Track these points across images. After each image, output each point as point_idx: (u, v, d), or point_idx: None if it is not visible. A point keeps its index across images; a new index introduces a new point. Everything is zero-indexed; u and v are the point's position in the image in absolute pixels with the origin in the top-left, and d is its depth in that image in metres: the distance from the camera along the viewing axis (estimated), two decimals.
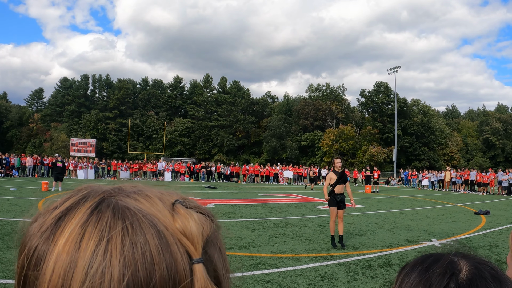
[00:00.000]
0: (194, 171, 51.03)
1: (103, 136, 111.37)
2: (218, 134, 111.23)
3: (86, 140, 80.00)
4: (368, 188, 38.69)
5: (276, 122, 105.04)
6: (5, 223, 13.68)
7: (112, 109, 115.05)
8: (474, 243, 13.00)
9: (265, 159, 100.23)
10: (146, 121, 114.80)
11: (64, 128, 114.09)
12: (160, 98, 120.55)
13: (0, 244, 10.61)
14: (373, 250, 11.42)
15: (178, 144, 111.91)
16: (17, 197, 22.21)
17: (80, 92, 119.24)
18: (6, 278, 7.81)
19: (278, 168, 51.72)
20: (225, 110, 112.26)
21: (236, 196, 28.18)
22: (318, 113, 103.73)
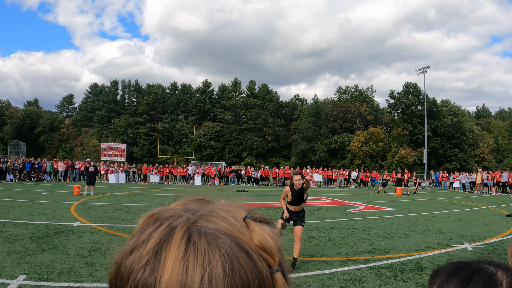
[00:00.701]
0: (224, 175, 51.27)
1: (133, 141, 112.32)
2: (248, 137, 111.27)
3: (116, 144, 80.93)
4: (399, 191, 38.51)
5: (305, 125, 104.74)
6: (39, 226, 14.04)
7: (141, 114, 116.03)
8: (506, 246, 12.97)
9: (295, 162, 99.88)
10: (175, 125, 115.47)
11: (95, 133, 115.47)
12: (189, 102, 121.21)
13: (34, 247, 10.94)
14: (404, 254, 11.46)
15: (208, 148, 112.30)
16: (49, 201, 22.67)
17: (110, 98, 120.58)
18: (41, 280, 8.03)
19: (307, 171, 51.62)
20: (254, 113, 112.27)
21: (266, 200, 28.32)
22: (347, 115, 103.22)
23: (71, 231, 13.46)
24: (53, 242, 11.64)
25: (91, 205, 21.07)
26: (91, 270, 8.84)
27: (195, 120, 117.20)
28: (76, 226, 14.43)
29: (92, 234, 12.97)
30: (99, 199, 24.94)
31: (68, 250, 10.67)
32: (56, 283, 7.87)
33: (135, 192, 32.04)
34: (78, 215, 17.16)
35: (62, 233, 13.02)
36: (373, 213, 21.47)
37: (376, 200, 30.17)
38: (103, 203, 22.63)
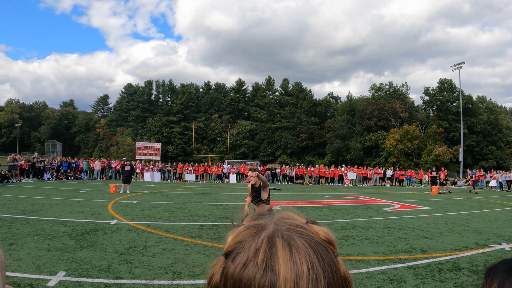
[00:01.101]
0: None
1: (167, 140, 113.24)
2: (282, 136, 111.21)
3: (151, 143, 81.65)
4: (435, 190, 37.98)
5: (339, 122, 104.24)
6: (77, 224, 14.21)
7: (176, 113, 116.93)
8: None
9: (329, 160, 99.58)
10: (209, 124, 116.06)
11: (130, 133, 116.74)
12: (223, 101, 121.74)
13: (73, 244, 11.07)
14: (441, 254, 11.27)
15: (242, 146, 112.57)
16: (87, 199, 22.92)
17: (145, 98, 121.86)
18: (81, 276, 8.11)
19: (342, 169, 51.31)
20: (288, 111, 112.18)
21: (302, 198, 28.25)
22: (381, 113, 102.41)
23: (109, 228, 13.57)
24: (91, 239, 11.75)
25: (127, 203, 21.23)
26: (130, 267, 8.90)
27: (229, 119, 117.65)
28: (114, 223, 14.55)
29: (130, 232, 13.06)
30: (136, 197, 25.12)
31: (107, 247, 10.76)
32: (96, 279, 7.93)
33: (170, 191, 32.19)
34: (116, 213, 17.30)
35: (100, 230, 13.14)
36: (409, 212, 21.19)
37: (412, 199, 29.81)
38: (139, 201, 22.80)
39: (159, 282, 7.88)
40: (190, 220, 16.09)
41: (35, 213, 16.52)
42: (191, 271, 8.75)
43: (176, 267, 8.99)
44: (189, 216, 17.22)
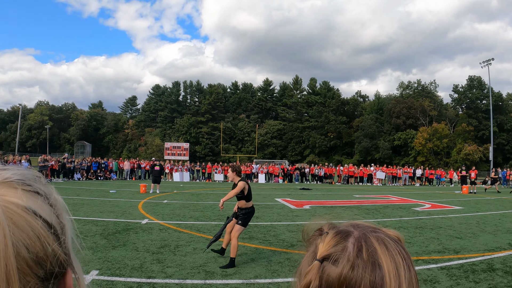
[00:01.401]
0: (288, 173, 51.03)
1: (195, 140, 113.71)
2: (310, 135, 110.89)
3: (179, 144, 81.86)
4: (465, 189, 37.44)
5: (367, 121, 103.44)
6: (108, 223, 14.26)
7: (204, 113, 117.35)
8: None
9: (358, 159, 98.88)
10: (237, 124, 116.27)
11: (158, 133, 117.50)
12: (250, 101, 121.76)
13: (105, 243, 11.10)
14: (475, 254, 11.05)
15: (270, 146, 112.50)
16: (117, 199, 23.06)
17: (172, 98, 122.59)
18: (113, 276, 8.10)
19: (371, 168, 50.88)
20: (316, 111, 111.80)
21: (331, 198, 28.07)
22: (410, 111, 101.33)
23: (140, 228, 13.59)
24: (123, 238, 11.77)
25: (158, 203, 21.28)
26: (162, 266, 8.87)
27: (257, 118, 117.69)
28: (145, 223, 14.57)
29: (161, 231, 13.06)
30: (166, 197, 25.19)
31: (139, 247, 10.76)
32: (128, 278, 7.91)
33: (200, 190, 32.25)
34: (146, 213, 17.34)
35: (131, 230, 13.16)
36: (441, 211, 20.88)
37: (442, 199, 29.42)
38: (169, 201, 22.85)
39: (191, 282, 7.83)
40: (220, 219, 16.04)
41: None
42: (224, 270, 8.71)
43: (208, 267, 8.95)
44: (219, 215, 17.18)
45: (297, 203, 23.11)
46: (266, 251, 10.67)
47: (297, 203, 23.38)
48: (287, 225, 15.13)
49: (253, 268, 8.89)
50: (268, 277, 8.26)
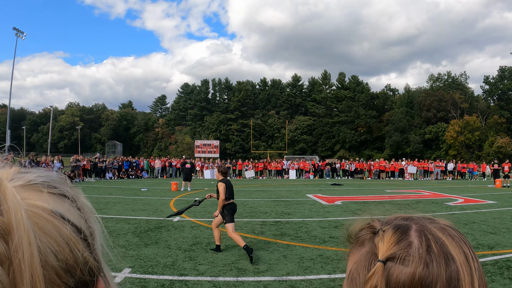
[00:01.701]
0: (319, 169, 50.86)
1: (225, 137, 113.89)
2: (340, 130, 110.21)
3: (209, 141, 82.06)
4: (498, 183, 36.83)
5: (398, 115, 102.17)
6: (140, 222, 14.38)
7: (233, 110, 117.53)
8: None
9: (388, 154, 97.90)
10: (267, 121, 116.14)
11: (188, 131, 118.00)
12: (279, 97, 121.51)
13: (137, 241, 11.20)
14: (510, 250, 10.80)
15: (300, 142, 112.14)
16: (149, 197, 23.24)
17: (202, 96, 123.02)
18: (146, 273, 8.14)
19: (403, 163, 50.36)
20: (346, 105, 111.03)
21: (363, 193, 27.88)
22: (440, 104, 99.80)
23: (172, 226, 13.66)
24: (155, 236, 11.84)
25: (189, 201, 21.34)
26: (194, 263, 8.89)
27: (287, 114, 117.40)
28: (177, 221, 14.63)
29: (192, 229, 13.12)
30: (197, 194, 25.26)
31: (171, 244, 10.81)
32: (161, 276, 7.94)
33: None
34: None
35: (163, 227, 13.24)
36: (474, 206, 20.56)
37: (475, 193, 28.95)
38: (200, 198, 22.89)
39: (224, 279, 7.83)
40: (252, 216, 16.05)
41: (99, 211, 16.78)
42: (256, 268, 8.68)
43: (240, 264, 8.94)
44: (251, 212, 17.19)
45: (329, 199, 23.00)
46: (298, 248, 10.61)
47: (329, 198, 23.28)
48: (318, 221, 15.05)
49: (285, 265, 8.84)
50: (300, 274, 8.22)
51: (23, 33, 60.80)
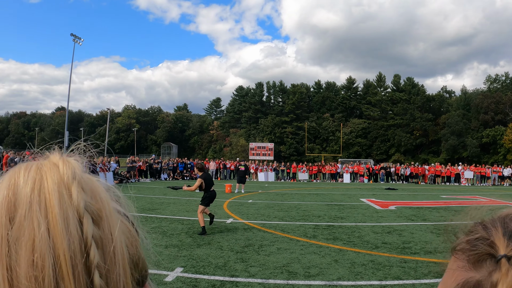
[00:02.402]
0: (373, 172, 50.39)
1: (280, 140, 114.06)
2: (395, 133, 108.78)
3: (264, 144, 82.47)
4: None
5: (454, 118, 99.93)
6: (193, 222, 14.56)
7: (288, 113, 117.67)
8: None
9: (444, 158, 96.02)
10: (322, 124, 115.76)
11: (243, 134, 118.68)
12: (334, 100, 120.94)
13: (190, 242, 11.38)
14: None
15: (355, 145, 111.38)
16: None
17: (256, 99, 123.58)
18: (197, 273, 8.29)
19: (459, 168, 49.28)
20: (401, 108, 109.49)
21: (417, 198, 27.48)
22: (498, 106, 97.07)
23: (225, 227, 13.80)
24: (208, 237, 11.99)
25: (242, 203, 21.50)
26: (246, 265, 8.96)
27: (341, 117, 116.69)
28: (230, 222, 14.78)
29: (245, 231, 13.20)
30: (250, 197, 25.40)
31: (223, 246, 10.92)
32: (212, 276, 8.04)
33: (285, 190, 32.33)
34: (231, 212, 17.57)
35: (216, 229, 13.39)
36: None
37: None
38: (254, 201, 23.04)
39: (274, 282, 7.87)
40: (305, 220, 16.04)
41: (154, 211, 17.10)
42: (307, 271, 8.68)
43: (291, 267, 8.96)
44: (304, 216, 17.18)
45: (383, 204, 22.79)
46: (350, 253, 10.57)
47: (383, 203, 23.05)
48: (372, 226, 14.93)
49: (336, 270, 8.82)
50: (351, 279, 8.18)
51: (81, 38, 62.23)
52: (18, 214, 0.56)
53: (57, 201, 0.57)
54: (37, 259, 0.54)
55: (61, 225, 0.54)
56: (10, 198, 0.58)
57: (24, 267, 0.54)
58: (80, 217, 0.57)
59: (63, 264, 0.54)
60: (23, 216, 0.56)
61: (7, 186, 0.60)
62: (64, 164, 0.61)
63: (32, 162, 0.64)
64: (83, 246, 0.56)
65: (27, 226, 0.55)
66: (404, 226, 14.80)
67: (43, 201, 0.57)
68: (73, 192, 0.59)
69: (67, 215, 0.56)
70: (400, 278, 8.18)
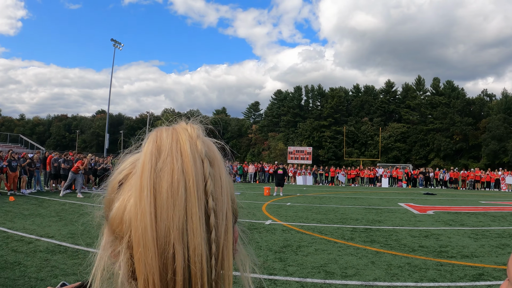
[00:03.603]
0: (412, 177, 50.14)
1: (318, 144, 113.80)
2: (434, 138, 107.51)
3: (302, 148, 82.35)
4: None
5: (495, 122, 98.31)
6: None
7: (326, 117, 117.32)
8: None
9: (485, 163, 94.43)
10: (360, 128, 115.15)
11: (281, 137, 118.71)
12: (373, 104, 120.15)
13: None
14: None
15: (394, 149, 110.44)
16: (242, 200, 22.74)
17: (294, 103, 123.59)
18: (235, 271, 8.45)
19: (499, 173, 48.62)
20: (440, 112, 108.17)
21: (456, 203, 27.35)
22: None
23: (263, 228, 14.07)
24: (246, 237, 12.23)
25: (281, 205, 21.76)
26: (284, 265, 9.22)
27: (380, 121, 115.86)
28: (268, 224, 15.04)
29: (283, 232, 13.45)
30: (289, 199, 25.65)
31: (262, 246, 11.20)
32: (250, 274, 8.29)
33: (323, 194, 32.49)
34: (270, 214, 17.83)
35: (255, 229, 13.66)
36: None
37: None
38: (292, 203, 23.27)
39: (311, 281, 8.11)
40: (342, 222, 16.23)
41: None
42: (343, 272, 8.89)
43: (328, 267, 9.18)
44: (342, 219, 17.36)
45: (421, 208, 22.81)
46: (386, 255, 10.74)
47: (421, 208, 23.07)
48: (409, 230, 15.04)
49: (372, 271, 9.02)
50: (387, 280, 8.37)
51: (121, 43, 63.49)
52: (162, 154, 0.79)
53: (189, 148, 0.80)
54: (174, 181, 0.77)
55: (191, 162, 0.78)
56: (157, 144, 0.82)
57: (165, 186, 0.76)
58: (202, 159, 0.81)
59: (190, 186, 0.77)
60: (166, 155, 0.79)
61: (154, 139, 0.84)
62: (191, 127, 0.90)
63: (169, 126, 0.93)
64: (203, 177, 0.79)
65: (169, 161, 0.78)
66: (441, 231, 14.87)
67: (179, 148, 0.80)
68: (198, 144, 0.83)
69: (194, 157, 0.79)
70: (436, 281, 8.34)
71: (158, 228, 0.75)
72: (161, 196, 0.77)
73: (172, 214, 0.76)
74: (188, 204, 0.77)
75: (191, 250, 0.75)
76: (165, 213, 0.76)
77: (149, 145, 0.84)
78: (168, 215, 0.76)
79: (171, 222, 0.75)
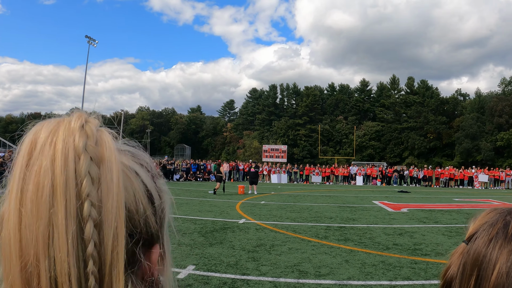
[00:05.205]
0: (386, 175, 50.35)
1: (293, 142, 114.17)
2: (409, 136, 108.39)
3: (277, 146, 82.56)
4: None
5: (468, 121, 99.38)
6: (206, 222, 14.74)
7: (301, 115, 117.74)
8: None
9: (458, 161, 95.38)
10: (335, 126, 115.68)
11: (256, 136, 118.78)
12: (348, 102, 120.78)
13: (202, 241, 11.54)
14: None
15: (368, 148, 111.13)
16: (215, 199, 23.69)
17: (270, 101, 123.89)
18: (209, 271, 8.45)
19: (473, 171, 49.05)
20: (415, 111, 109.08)
21: (430, 201, 27.48)
22: None
23: (237, 227, 13.93)
24: (220, 236, 12.12)
25: (255, 204, 21.63)
26: (257, 264, 9.07)
27: (355, 120, 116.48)
28: (242, 222, 14.90)
29: (257, 231, 13.31)
30: (263, 198, 25.55)
31: (235, 245, 11.04)
32: (223, 274, 8.17)
33: (297, 192, 32.44)
34: (244, 213, 17.69)
35: (228, 229, 13.51)
36: None
37: None
38: (266, 202, 23.16)
39: (285, 280, 7.97)
40: (316, 221, 16.13)
41: None
42: (317, 271, 8.76)
43: (302, 267, 9.05)
44: (316, 217, 17.27)
45: (395, 206, 22.82)
46: (360, 253, 10.63)
47: (395, 206, 23.09)
48: (383, 228, 14.98)
49: (346, 270, 8.90)
50: (362, 279, 8.25)
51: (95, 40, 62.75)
52: (35, 150, 0.70)
53: (61, 142, 0.69)
54: (40, 182, 0.66)
55: (61, 158, 0.66)
56: (33, 139, 0.71)
57: (31, 188, 0.66)
58: (78, 155, 0.68)
59: (57, 187, 0.66)
60: (38, 152, 0.69)
61: (34, 132, 0.73)
62: (77, 117, 0.75)
63: (55, 118, 0.79)
64: (75, 177, 0.67)
65: (39, 158, 0.68)
66: (416, 228, 14.84)
67: (53, 142, 0.69)
68: (77, 136, 0.70)
69: (66, 152, 0.68)
70: (410, 279, 8.25)
71: (22, 238, 0.66)
72: (26, 200, 0.67)
73: (37, 222, 0.66)
74: (53, 209, 0.66)
75: (57, 267, 0.65)
76: (30, 220, 0.66)
77: (26, 138, 0.74)
78: (33, 222, 0.66)
79: (37, 231, 0.66)
